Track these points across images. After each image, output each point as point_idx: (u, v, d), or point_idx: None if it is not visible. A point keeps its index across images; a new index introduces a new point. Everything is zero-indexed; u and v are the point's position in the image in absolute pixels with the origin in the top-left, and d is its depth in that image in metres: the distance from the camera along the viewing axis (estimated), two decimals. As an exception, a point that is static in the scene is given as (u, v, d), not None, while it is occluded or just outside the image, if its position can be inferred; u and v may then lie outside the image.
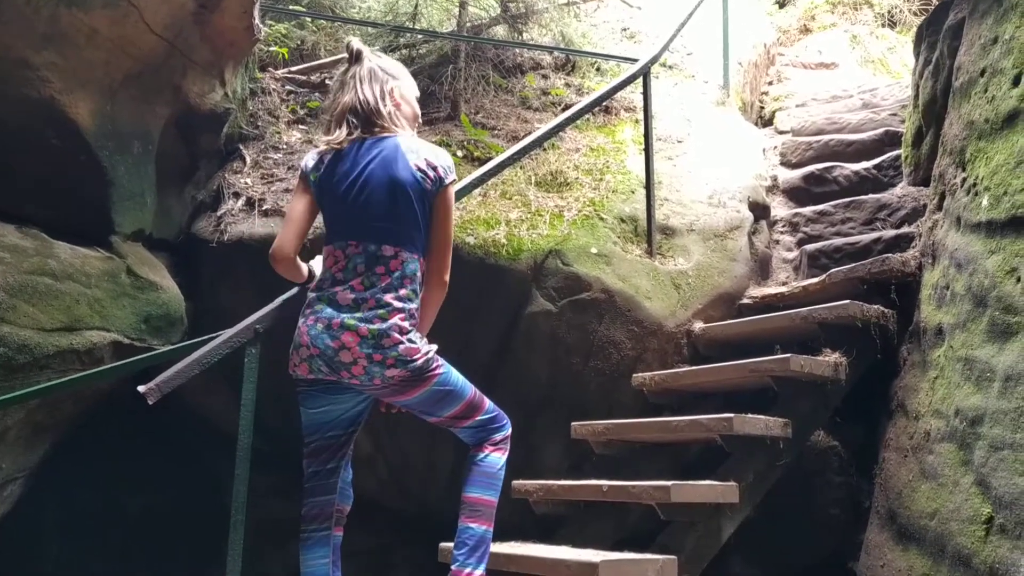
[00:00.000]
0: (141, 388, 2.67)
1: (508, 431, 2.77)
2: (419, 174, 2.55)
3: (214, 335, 2.92)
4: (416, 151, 2.59)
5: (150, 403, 2.71)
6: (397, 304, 2.49)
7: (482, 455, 2.70)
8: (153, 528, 4.60)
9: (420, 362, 2.50)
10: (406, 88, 2.73)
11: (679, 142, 5.29)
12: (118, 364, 3.26)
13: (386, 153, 2.57)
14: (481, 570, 2.68)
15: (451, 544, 2.73)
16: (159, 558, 4.54)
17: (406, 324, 2.50)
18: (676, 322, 4.03)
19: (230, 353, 2.90)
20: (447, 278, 2.63)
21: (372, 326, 2.46)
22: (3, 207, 3.57)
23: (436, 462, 4.21)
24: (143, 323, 3.80)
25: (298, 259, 2.69)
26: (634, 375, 3.90)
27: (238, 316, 3.03)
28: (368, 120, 2.61)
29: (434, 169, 2.58)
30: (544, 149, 4.89)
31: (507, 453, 2.77)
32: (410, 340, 2.50)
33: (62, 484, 4.31)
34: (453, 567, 2.67)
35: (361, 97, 2.61)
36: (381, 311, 2.48)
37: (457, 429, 2.72)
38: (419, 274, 2.58)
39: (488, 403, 2.73)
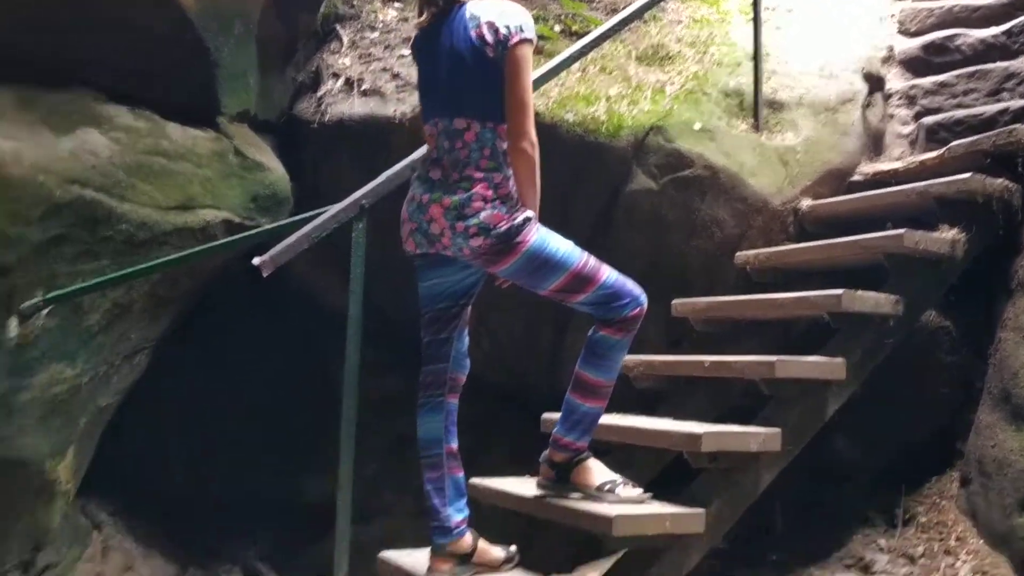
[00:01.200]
0: (256, 260, 2.78)
1: (634, 311, 2.59)
2: (478, 41, 2.46)
3: (322, 209, 2.99)
4: (478, 17, 2.49)
5: (264, 275, 2.82)
6: (478, 175, 2.48)
7: (597, 333, 2.62)
8: (267, 403, 4.81)
9: (504, 228, 2.45)
10: None
11: (788, 11, 5.00)
12: (233, 238, 3.39)
13: (454, 24, 2.53)
14: (583, 442, 2.70)
15: (555, 415, 2.78)
16: (273, 431, 4.77)
17: (490, 192, 2.47)
18: (782, 199, 3.91)
19: (337, 228, 2.97)
20: (524, 145, 2.47)
21: (455, 196, 2.47)
22: (114, 89, 3.67)
23: (538, 340, 4.26)
24: (251, 202, 3.90)
25: None
26: (737, 253, 3.82)
27: (340, 195, 3.08)
28: None
29: (495, 32, 2.45)
30: (645, 21, 4.69)
31: (630, 335, 2.62)
32: (494, 207, 2.46)
33: (180, 368, 4.49)
34: (554, 432, 2.73)
35: None
36: (464, 183, 2.48)
37: (573, 304, 2.62)
38: (500, 141, 2.51)
39: (607, 278, 2.58)
